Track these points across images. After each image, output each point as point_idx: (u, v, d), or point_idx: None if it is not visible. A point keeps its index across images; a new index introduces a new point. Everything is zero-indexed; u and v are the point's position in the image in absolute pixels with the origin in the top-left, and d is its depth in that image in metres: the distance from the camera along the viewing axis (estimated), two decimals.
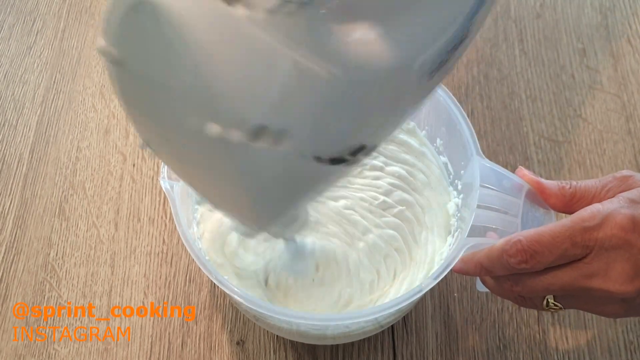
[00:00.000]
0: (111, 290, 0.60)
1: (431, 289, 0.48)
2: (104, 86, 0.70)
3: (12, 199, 0.64)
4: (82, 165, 0.66)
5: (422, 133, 0.60)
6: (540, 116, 0.69)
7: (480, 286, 0.51)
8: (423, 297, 0.57)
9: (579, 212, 0.44)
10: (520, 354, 0.57)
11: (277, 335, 0.57)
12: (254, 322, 0.58)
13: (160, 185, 0.51)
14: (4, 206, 0.63)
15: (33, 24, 0.74)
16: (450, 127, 0.55)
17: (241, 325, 0.58)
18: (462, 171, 0.55)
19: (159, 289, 0.60)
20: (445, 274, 0.47)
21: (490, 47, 0.73)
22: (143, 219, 0.63)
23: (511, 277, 0.46)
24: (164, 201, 0.64)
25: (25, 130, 0.68)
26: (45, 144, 0.67)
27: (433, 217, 0.57)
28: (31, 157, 0.66)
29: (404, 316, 0.58)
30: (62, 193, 0.64)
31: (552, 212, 0.50)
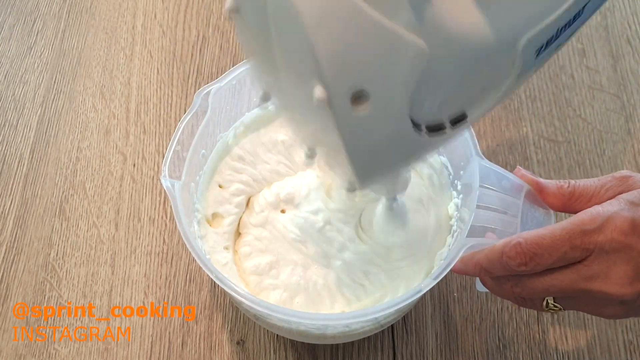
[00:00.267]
0: (111, 290, 0.60)
1: (431, 289, 0.48)
2: (104, 86, 0.70)
3: (12, 199, 0.64)
4: (82, 165, 0.66)
5: None
6: (540, 116, 0.69)
7: (480, 286, 0.51)
8: (423, 297, 0.57)
9: (579, 214, 0.44)
10: (520, 354, 0.57)
11: (277, 334, 0.57)
12: (254, 322, 0.58)
13: (161, 184, 0.51)
14: (4, 206, 0.63)
15: (33, 25, 0.74)
16: None
17: (241, 325, 0.58)
18: (461, 172, 0.55)
19: (159, 288, 0.60)
20: (445, 274, 0.47)
21: None
22: (143, 219, 0.63)
23: (511, 278, 0.46)
24: (164, 201, 0.64)
25: (26, 131, 0.68)
26: (46, 144, 0.67)
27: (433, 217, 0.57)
28: (31, 157, 0.66)
29: (403, 316, 0.58)
30: (63, 193, 0.64)
31: (551, 212, 0.50)
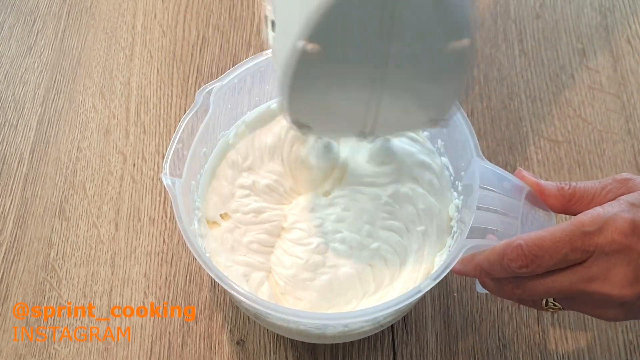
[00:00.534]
0: (111, 290, 0.60)
1: (431, 289, 0.48)
2: (104, 86, 0.70)
3: (12, 199, 0.64)
4: (82, 165, 0.66)
5: (425, 134, 0.60)
6: (540, 116, 0.69)
7: (480, 288, 0.51)
8: (423, 297, 0.57)
9: (579, 216, 0.44)
10: (520, 354, 0.57)
11: (277, 334, 0.57)
12: (254, 322, 0.58)
13: (162, 182, 0.51)
14: (4, 206, 0.63)
15: (33, 24, 0.74)
16: (451, 128, 0.55)
17: (241, 324, 0.58)
18: (462, 172, 0.55)
19: (159, 288, 0.60)
20: (445, 275, 0.47)
21: (490, 48, 0.73)
22: (143, 219, 0.63)
23: (512, 280, 0.46)
24: (164, 201, 0.64)
25: (26, 131, 0.68)
26: (46, 144, 0.67)
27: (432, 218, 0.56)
28: (31, 157, 0.66)
29: (403, 316, 0.58)
30: (63, 193, 0.64)
31: (552, 214, 0.50)
